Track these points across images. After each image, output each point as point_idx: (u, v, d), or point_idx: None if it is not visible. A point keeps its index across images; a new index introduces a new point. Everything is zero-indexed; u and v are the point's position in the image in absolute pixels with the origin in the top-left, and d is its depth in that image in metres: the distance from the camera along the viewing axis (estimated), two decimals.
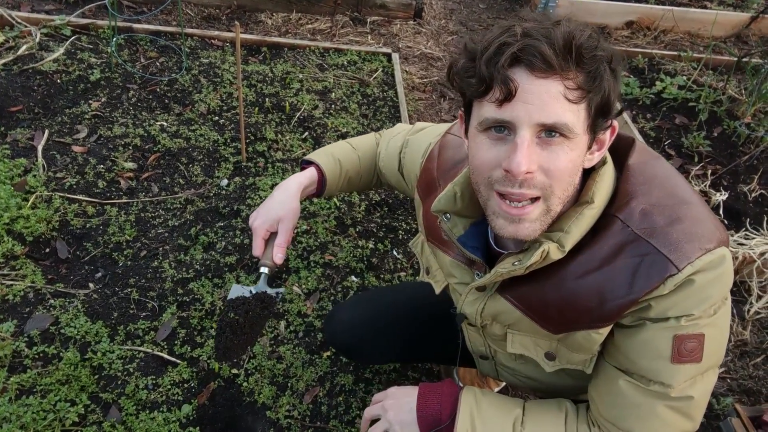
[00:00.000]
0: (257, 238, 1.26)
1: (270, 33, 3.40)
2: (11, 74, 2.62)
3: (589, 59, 0.82)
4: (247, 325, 1.21)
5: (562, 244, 0.91)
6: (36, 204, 2.10)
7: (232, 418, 1.65)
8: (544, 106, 0.82)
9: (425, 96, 3.18)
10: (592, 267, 0.92)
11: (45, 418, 1.54)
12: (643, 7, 3.91)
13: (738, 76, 3.40)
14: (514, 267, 0.94)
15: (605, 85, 0.84)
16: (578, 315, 0.95)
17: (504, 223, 0.90)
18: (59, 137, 2.40)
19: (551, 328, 1.00)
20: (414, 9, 3.73)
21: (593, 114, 0.86)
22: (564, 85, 0.82)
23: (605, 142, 0.93)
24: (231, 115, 2.69)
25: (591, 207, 0.91)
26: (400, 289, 1.68)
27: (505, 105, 0.83)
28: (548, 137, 0.84)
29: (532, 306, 1.00)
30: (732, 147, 2.92)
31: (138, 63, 2.89)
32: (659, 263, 0.87)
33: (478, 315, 1.10)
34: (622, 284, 0.89)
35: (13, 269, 1.90)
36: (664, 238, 0.88)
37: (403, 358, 1.62)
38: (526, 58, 0.81)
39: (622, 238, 0.90)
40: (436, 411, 1.10)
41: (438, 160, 1.20)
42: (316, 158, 1.40)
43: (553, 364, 1.07)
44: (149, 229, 2.13)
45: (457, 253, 1.12)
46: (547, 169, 0.85)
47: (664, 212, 0.91)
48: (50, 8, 3.17)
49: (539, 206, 0.89)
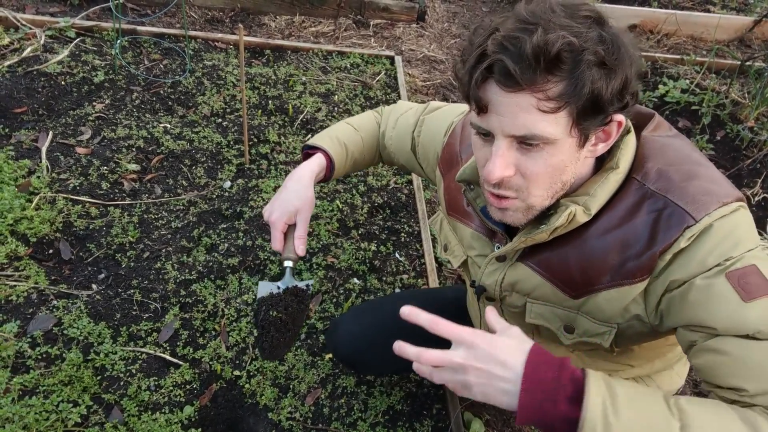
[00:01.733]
0: (276, 231, 1.23)
1: (273, 36, 3.41)
2: (16, 76, 2.63)
3: (568, 66, 0.79)
4: (289, 321, 1.19)
5: (587, 207, 0.92)
6: (40, 205, 2.11)
7: (234, 419, 1.66)
8: (516, 119, 0.83)
9: (428, 99, 3.19)
10: (611, 226, 0.93)
11: (47, 419, 1.55)
12: (646, 10, 3.91)
13: (741, 79, 3.40)
14: (539, 230, 0.95)
15: (588, 90, 0.80)
16: (599, 274, 0.94)
17: (494, 209, 0.97)
18: (63, 139, 2.41)
19: (572, 292, 0.99)
20: (417, 12, 3.74)
21: (577, 117, 0.83)
22: (536, 98, 0.81)
23: (612, 133, 0.91)
24: (234, 117, 2.70)
25: (616, 172, 0.93)
26: (402, 298, 1.68)
27: (482, 115, 0.87)
28: (527, 145, 0.86)
29: (554, 270, 1.00)
30: (735, 151, 2.92)
31: (142, 65, 2.90)
32: (677, 215, 0.87)
33: (498, 286, 1.10)
34: (642, 238, 0.90)
35: (17, 270, 1.91)
36: (681, 192, 0.89)
37: (408, 367, 1.61)
38: (495, 75, 0.82)
39: (640, 195, 0.91)
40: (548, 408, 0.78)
41: (461, 136, 1.22)
42: (322, 143, 1.37)
43: (571, 337, 1.05)
44: (152, 230, 2.13)
45: (478, 225, 1.13)
46: (525, 173, 0.88)
47: (680, 171, 0.92)
48: (55, 10, 3.19)
49: (518, 203, 0.93)
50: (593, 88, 0.80)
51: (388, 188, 2.51)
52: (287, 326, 1.19)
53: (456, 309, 1.50)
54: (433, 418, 1.74)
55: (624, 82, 0.84)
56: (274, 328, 1.18)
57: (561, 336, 1.07)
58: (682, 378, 1.29)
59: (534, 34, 0.78)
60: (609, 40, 0.82)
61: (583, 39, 0.79)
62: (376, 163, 1.56)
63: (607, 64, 0.81)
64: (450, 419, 1.73)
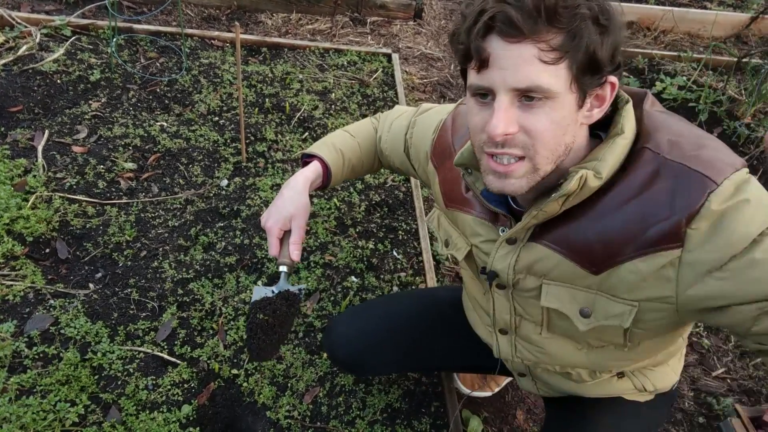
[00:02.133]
0: (272, 237, 1.26)
1: (270, 33, 3.40)
2: (11, 74, 2.62)
3: (566, 19, 0.81)
4: (276, 324, 1.22)
5: (598, 171, 0.91)
6: (36, 204, 2.10)
7: (233, 418, 1.65)
8: (518, 71, 0.83)
9: (425, 96, 3.18)
10: (630, 195, 0.92)
11: (45, 419, 1.54)
12: (643, 7, 3.91)
13: (738, 76, 3.41)
14: (551, 198, 0.93)
15: (586, 43, 0.83)
16: (622, 244, 0.93)
17: (493, 179, 0.94)
18: (59, 137, 2.40)
19: (593, 267, 0.97)
20: (414, 9, 3.73)
21: (576, 72, 0.85)
22: (537, 48, 0.82)
23: (606, 98, 0.92)
24: (231, 115, 2.70)
25: (623, 137, 0.92)
26: (396, 298, 1.67)
27: (483, 71, 0.86)
28: (528, 101, 0.86)
29: (573, 245, 0.98)
30: (732, 147, 2.89)
31: (138, 63, 2.89)
32: (697, 180, 0.87)
33: (511, 269, 1.08)
34: (665, 205, 0.89)
35: (13, 269, 1.90)
36: (696, 159, 0.89)
37: (405, 367, 1.61)
38: (497, 24, 0.82)
39: (656, 164, 0.91)
40: None
41: (452, 128, 1.22)
42: (318, 151, 1.39)
43: (588, 322, 1.03)
44: (149, 229, 2.13)
45: (479, 211, 1.12)
46: (529, 130, 0.87)
47: (690, 140, 0.92)
48: (50, 9, 3.17)
49: (524, 164, 0.91)
50: (590, 41, 0.83)
51: (385, 186, 2.51)
52: (274, 329, 1.22)
53: (450, 309, 1.50)
54: (432, 416, 1.74)
55: (615, 44, 0.86)
56: (261, 331, 1.22)
57: (577, 321, 1.04)
58: (677, 374, 1.28)
59: None
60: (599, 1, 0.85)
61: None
62: (377, 169, 1.56)
63: (601, 21, 0.84)
64: (448, 417, 1.73)
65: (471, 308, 1.39)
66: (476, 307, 1.34)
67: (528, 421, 1.80)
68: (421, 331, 1.49)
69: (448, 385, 1.79)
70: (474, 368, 1.60)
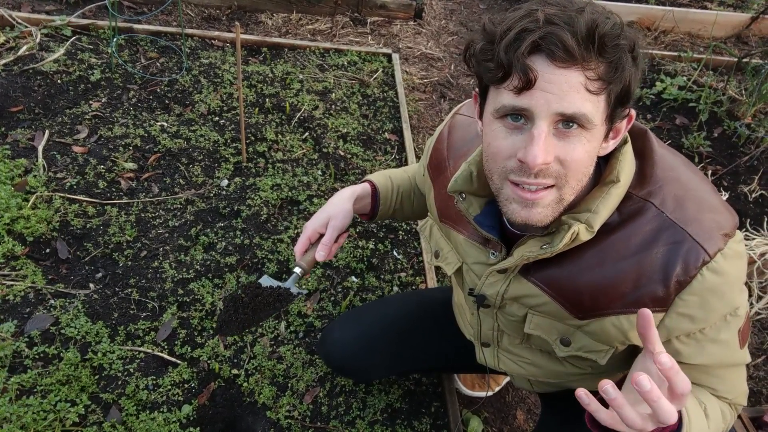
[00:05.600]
0: (303, 236, 1.27)
1: (270, 33, 3.40)
2: (12, 74, 2.62)
3: (611, 49, 0.79)
4: (250, 306, 1.23)
5: (590, 225, 0.90)
6: (36, 204, 2.10)
7: (233, 418, 1.65)
8: (564, 96, 0.80)
9: (425, 96, 3.19)
10: (626, 252, 0.92)
11: (45, 419, 1.54)
12: (644, 7, 3.91)
13: (738, 76, 3.40)
14: (543, 251, 0.93)
15: (626, 75, 0.82)
16: (611, 300, 0.94)
17: (517, 208, 0.89)
18: (60, 137, 2.40)
19: (579, 314, 0.98)
20: (414, 9, 3.73)
21: (612, 104, 0.84)
22: (585, 76, 0.80)
23: (621, 130, 0.91)
24: (231, 115, 2.70)
25: (617, 186, 0.91)
26: (390, 301, 1.67)
27: (524, 93, 0.81)
28: (566, 128, 0.82)
29: (562, 290, 0.99)
30: (732, 147, 2.92)
31: (138, 63, 2.89)
32: (695, 251, 0.88)
33: (500, 296, 1.08)
34: (659, 271, 0.89)
35: (14, 269, 1.90)
36: (698, 226, 0.89)
37: (401, 369, 1.61)
38: (547, 46, 0.78)
39: (659, 223, 0.91)
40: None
41: (448, 141, 1.19)
42: (369, 176, 1.42)
43: (567, 350, 1.05)
44: (149, 229, 2.13)
45: (471, 233, 1.11)
46: (564, 160, 0.84)
47: (694, 199, 0.92)
48: (51, 9, 3.17)
49: (553, 193, 0.88)
50: (627, 73, 0.82)
51: None
52: (245, 310, 1.23)
53: (444, 310, 1.50)
54: (432, 416, 1.74)
55: (638, 78, 0.85)
56: (233, 307, 1.23)
57: (556, 347, 1.07)
58: None
59: (583, 13, 0.79)
60: (631, 33, 0.83)
61: (619, 26, 0.81)
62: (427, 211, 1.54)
63: (635, 53, 0.83)
64: (448, 417, 1.73)
65: (459, 313, 1.41)
66: (462, 314, 1.36)
67: (528, 421, 1.80)
68: (415, 332, 1.49)
69: (448, 385, 1.79)
70: (471, 368, 1.60)
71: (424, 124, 2.98)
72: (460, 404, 1.78)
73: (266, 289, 1.24)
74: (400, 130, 2.81)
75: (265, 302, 1.24)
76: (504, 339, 1.21)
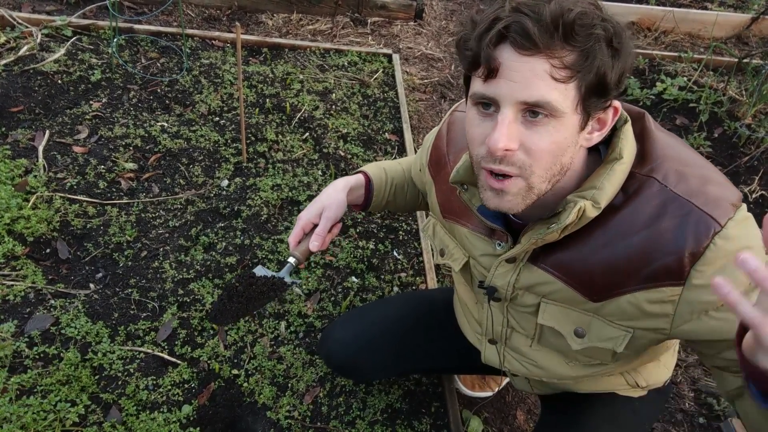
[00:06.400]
0: (297, 226, 1.26)
1: (271, 34, 3.40)
2: (12, 75, 2.62)
3: (581, 37, 0.80)
4: (244, 296, 1.23)
5: (596, 201, 0.90)
6: (37, 204, 2.10)
7: (233, 418, 1.66)
8: (528, 84, 0.81)
9: (426, 97, 3.19)
10: (635, 228, 0.91)
11: (45, 419, 1.54)
12: (644, 8, 3.91)
13: (738, 77, 3.40)
14: (550, 230, 0.92)
15: (598, 65, 0.81)
16: (624, 278, 0.93)
17: (490, 195, 0.92)
18: (60, 138, 2.40)
19: (593, 296, 0.98)
20: (415, 10, 3.73)
21: (584, 93, 0.84)
22: (550, 64, 0.80)
23: (607, 122, 0.91)
24: (231, 115, 2.70)
25: (621, 162, 0.91)
26: (390, 301, 1.67)
27: (490, 81, 0.83)
28: (533, 117, 0.83)
29: (574, 273, 0.98)
30: (732, 148, 2.92)
31: (139, 63, 2.89)
32: (704, 221, 0.88)
33: (511, 286, 1.08)
34: (669, 243, 0.89)
35: (14, 270, 1.90)
36: (704, 197, 0.89)
37: (401, 370, 1.61)
38: (511, 35, 0.80)
39: (663, 197, 0.91)
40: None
41: (447, 137, 1.20)
42: (362, 168, 1.42)
43: (582, 342, 1.04)
44: (150, 229, 2.13)
45: (476, 225, 1.11)
46: (529, 149, 0.85)
47: (696, 172, 0.92)
48: (51, 9, 3.18)
49: (519, 182, 0.88)
50: (601, 63, 0.82)
51: None
52: (239, 299, 1.23)
53: (445, 310, 1.50)
54: (432, 417, 1.74)
55: (623, 69, 0.85)
56: (227, 296, 1.23)
57: (570, 340, 1.05)
58: (669, 370, 1.29)
59: (550, 2, 0.79)
60: (613, 24, 0.83)
61: (593, 15, 0.81)
62: (422, 204, 1.52)
63: (614, 44, 0.83)
64: (449, 417, 1.73)
65: (461, 313, 1.40)
66: (466, 313, 1.35)
67: (528, 421, 1.80)
68: (415, 333, 1.49)
69: (449, 385, 1.79)
70: (471, 369, 1.60)
71: (424, 125, 2.98)
72: (460, 404, 1.78)
73: (260, 278, 1.24)
74: (400, 131, 2.81)
75: (259, 291, 1.23)
76: (513, 337, 1.20)
